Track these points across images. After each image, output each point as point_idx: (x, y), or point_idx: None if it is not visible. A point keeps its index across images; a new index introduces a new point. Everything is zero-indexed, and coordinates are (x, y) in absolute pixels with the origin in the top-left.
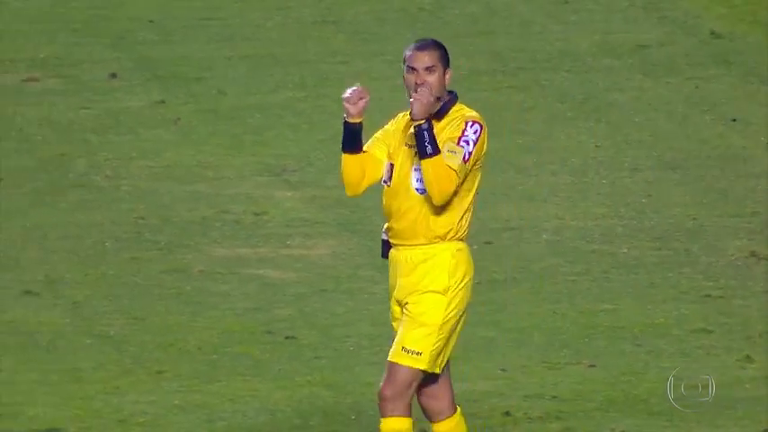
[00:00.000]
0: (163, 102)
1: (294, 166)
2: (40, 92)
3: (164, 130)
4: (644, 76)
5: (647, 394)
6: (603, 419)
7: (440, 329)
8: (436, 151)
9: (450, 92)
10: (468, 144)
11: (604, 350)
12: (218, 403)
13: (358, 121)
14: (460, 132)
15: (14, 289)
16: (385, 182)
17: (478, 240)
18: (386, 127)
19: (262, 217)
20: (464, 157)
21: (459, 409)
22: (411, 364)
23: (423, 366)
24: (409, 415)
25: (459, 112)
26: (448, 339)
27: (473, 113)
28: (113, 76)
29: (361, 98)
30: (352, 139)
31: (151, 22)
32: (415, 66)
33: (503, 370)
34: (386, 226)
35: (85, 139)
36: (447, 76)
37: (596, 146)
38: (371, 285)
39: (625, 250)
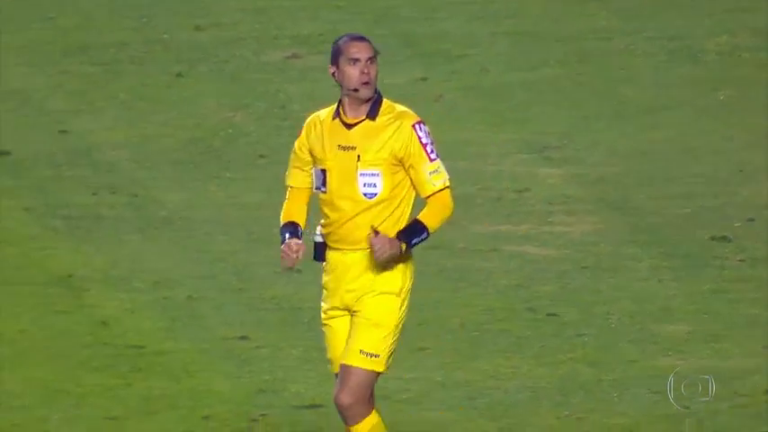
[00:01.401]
0: (425, 78)
1: (556, 143)
2: (303, 69)
3: (426, 107)
4: None
5: None
6: None
7: (395, 330)
8: (426, 229)
9: None
10: (433, 151)
11: None
12: (479, 380)
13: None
14: (419, 144)
15: (277, 266)
16: (318, 188)
17: (741, 218)
18: (300, 139)
19: (523, 194)
20: (441, 162)
21: (375, 410)
22: (369, 367)
23: (380, 369)
24: (372, 410)
25: (391, 110)
26: (398, 339)
27: (406, 111)
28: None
29: (296, 257)
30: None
31: None
32: (360, 56)
33: (766, 347)
34: (322, 229)
35: None
36: None
37: None
38: (634, 262)
39: None
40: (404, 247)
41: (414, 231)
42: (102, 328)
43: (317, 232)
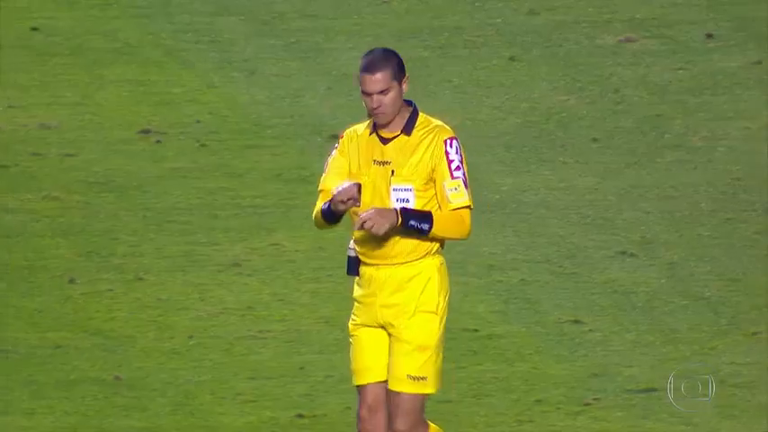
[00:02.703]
0: (760, 62)
1: None
2: (637, 52)
3: (760, 91)
4: None
5: None
6: None
7: (437, 350)
8: (430, 223)
9: (408, 102)
10: (459, 169)
11: None
12: None
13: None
14: (446, 160)
15: (610, 249)
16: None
17: None
18: (341, 147)
19: None
20: (465, 183)
21: (430, 423)
22: (419, 391)
23: (430, 390)
24: (428, 426)
25: (426, 124)
26: (443, 356)
27: (442, 125)
28: (709, 36)
29: (349, 198)
30: (335, 220)
31: None
32: (369, 90)
33: None
34: (355, 243)
35: (681, 100)
36: (404, 86)
37: None
38: None
39: None
40: (400, 220)
41: (418, 214)
42: None
43: (350, 246)
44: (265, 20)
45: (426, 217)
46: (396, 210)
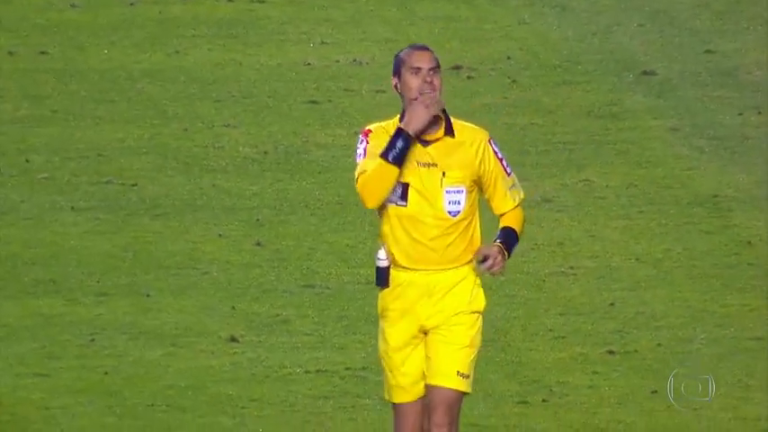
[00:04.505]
0: None
1: None
2: None
3: None
4: None
5: None
6: None
7: (478, 350)
8: (518, 238)
9: None
10: (508, 165)
11: None
12: None
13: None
14: (496, 159)
15: None
16: (396, 202)
17: None
18: (373, 143)
19: None
20: (515, 177)
21: None
22: (464, 389)
23: (469, 389)
24: None
25: (460, 124)
26: None
27: (477, 128)
28: None
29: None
30: (407, 152)
31: None
32: (422, 65)
33: None
34: (389, 250)
35: None
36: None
37: None
38: None
39: None
40: (507, 254)
41: (509, 239)
42: (746, 248)
43: (382, 257)
44: None
45: (514, 236)
46: (498, 246)
